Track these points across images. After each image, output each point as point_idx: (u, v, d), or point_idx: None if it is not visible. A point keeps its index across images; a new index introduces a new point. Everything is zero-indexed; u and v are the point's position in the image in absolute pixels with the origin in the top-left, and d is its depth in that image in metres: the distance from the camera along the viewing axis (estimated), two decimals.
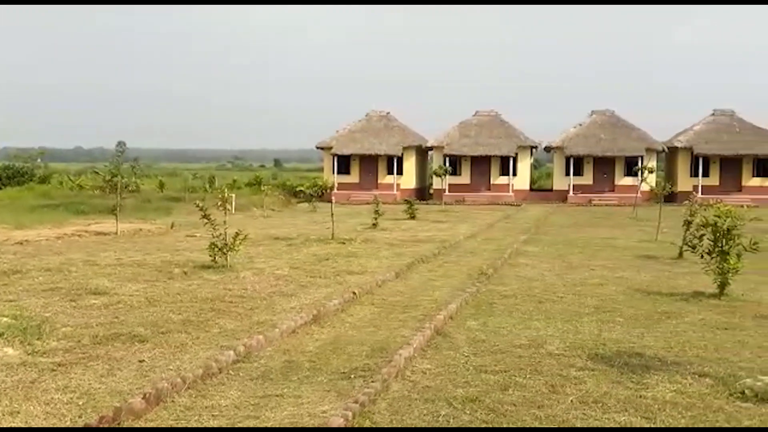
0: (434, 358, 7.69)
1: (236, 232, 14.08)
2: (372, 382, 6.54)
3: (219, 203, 14.72)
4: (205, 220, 14.11)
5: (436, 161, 45.56)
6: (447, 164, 43.27)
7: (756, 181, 43.00)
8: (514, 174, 44.85)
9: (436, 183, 44.48)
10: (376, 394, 6.25)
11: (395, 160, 45.46)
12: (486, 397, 6.37)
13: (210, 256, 13.88)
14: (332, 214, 21.08)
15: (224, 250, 13.88)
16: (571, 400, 6.29)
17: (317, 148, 47.94)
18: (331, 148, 46.06)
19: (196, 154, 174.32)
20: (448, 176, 42.32)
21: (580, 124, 46.23)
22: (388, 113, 48.81)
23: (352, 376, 6.97)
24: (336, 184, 45.15)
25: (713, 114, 45.58)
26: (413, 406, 6.15)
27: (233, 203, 30.91)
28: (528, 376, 7.04)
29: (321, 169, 50.90)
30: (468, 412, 6.02)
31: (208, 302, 10.49)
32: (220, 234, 13.92)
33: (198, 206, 14.49)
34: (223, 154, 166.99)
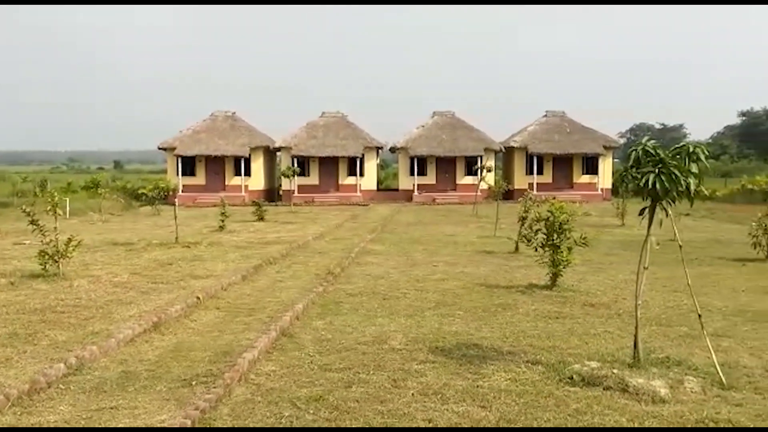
0: (279, 359, 7.63)
1: (69, 238, 13.29)
2: (214, 387, 6.39)
3: (49, 208, 13.80)
4: (34, 227, 13.22)
5: (284, 162, 45.23)
6: (295, 165, 43.08)
7: (585, 178, 45.99)
8: (362, 174, 45.40)
9: (285, 184, 44.16)
10: (217, 400, 6.11)
11: (242, 161, 44.71)
12: (330, 395, 6.40)
13: (40, 264, 13.02)
14: (175, 217, 20.40)
15: (56, 258, 13.06)
16: (412, 393, 6.44)
17: (160, 149, 46.18)
18: (174, 148, 44.53)
19: (25, 156, 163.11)
20: (296, 177, 42.15)
21: (423, 126, 47.51)
22: (233, 113, 47.90)
23: (194, 382, 6.77)
24: (181, 186, 43.76)
25: (545, 115, 48.31)
26: (256, 409, 6.06)
27: (67, 208, 29.22)
28: (372, 372, 7.14)
29: (165, 171, 49.11)
30: (311, 411, 6.02)
31: (37, 313, 9.84)
32: (51, 240, 13.09)
33: (25, 212, 13.52)
34: (57, 156, 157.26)
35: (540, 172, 45.53)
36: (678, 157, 6.56)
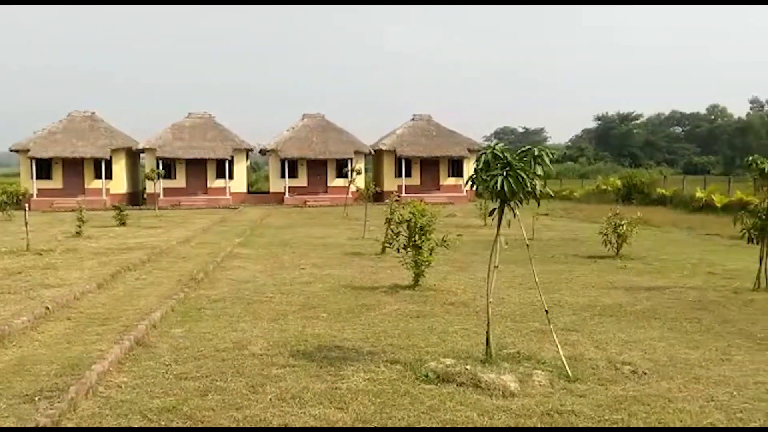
0: (132, 370, 7.34)
1: None
2: (58, 402, 6.06)
3: None
4: None
5: (148, 164, 43.70)
6: (160, 167, 41.71)
7: (451, 181, 47.28)
8: (231, 177, 44.61)
9: (150, 187, 42.63)
10: (61, 415, 5.80)
11: (103, 163, 42.82)
12: (184, 405, 6.22)
13: None
14: (26, 223, 19.24)
15: None
16: (270, 399, 6.37)
17: (12, 150, 43.48)
18: (28, 150, 42.05)
19: None
20: (162, 180, 40.85)
21: (293, 128, 47.28)
22: (93, 113, 45.79)
23: (37, 398, 6.40)
24: (35, 190, 41.38)
25: (413, 119, 49.30)
26: (104, 422, 5.80)
27: None
28: (229, 378, 7.01)
29: (19, 174, 46.24)
30: (164, 422, 5.83)
31: None
32: None
33: None
34: None
35: (408, 174, 46.40)
36: (525, 160, 6.84)
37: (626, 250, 17.14)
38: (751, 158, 12.35)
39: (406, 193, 41.82)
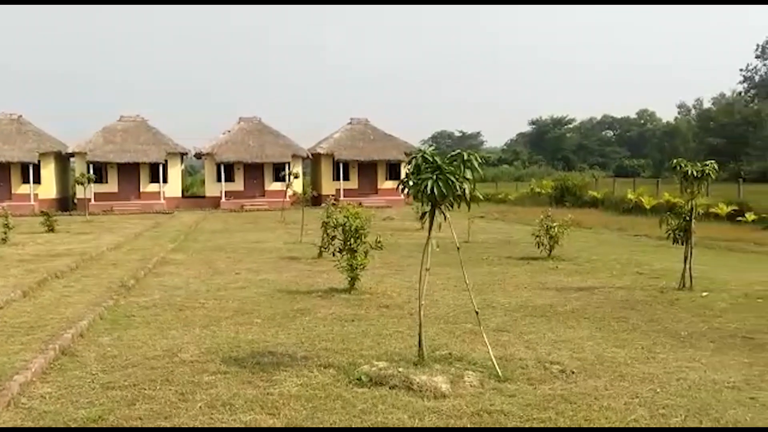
0: (57, 380, 7.13)
1: None
2: None
3: None
4: None
5: (79, 169, 42.59)
6: (91, 172, 40.68)
7: (389, 184, 47.48)
8: (165, 181, 43.83)
9: (80, 192, 41.51)
10: None
11: (31, 168, 41.53)
12: (110, 414, 6.08)
13: None
14: None
15: None
16: (200, 406, 6.28)
17: None
18: None
19: None
20: (93, 184, 39.82)
21: (229, 131, 46.78)
22: (20, 116, 44.39)
23: None
24: None
25: (350, 123, 49.36)
26: None
27: None
28: (158, 387, 6.87)
29: None
30: None
31: None
32: None
33: None
34: None
35: (346, 178, 46.44)
36: (454, 163, 6.91)
37: (558, 252, 17.50)
38: (675, 161, 12.76)
39: (344, 196, 41.80)
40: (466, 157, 6.89)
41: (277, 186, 44.31)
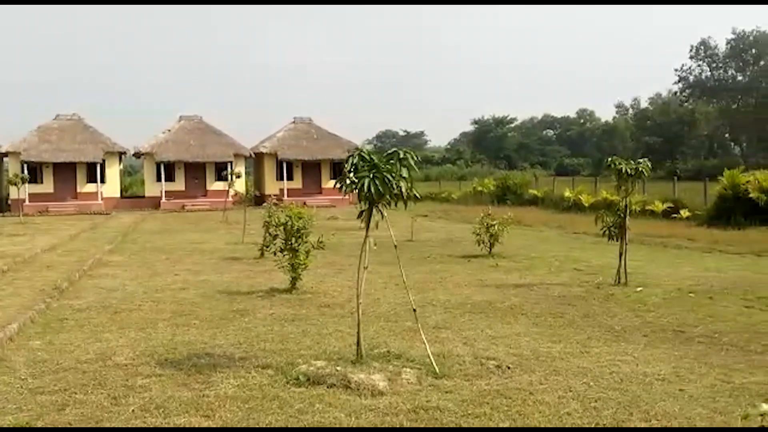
0: None
1: None
2: None
3: None
4: None
5: (12, 169, 41.29)
6: (25, 172, 39.49)
7: (333, 183, 47.29)
8: (103, 181, 42.82)
9: (14, 193, 40.21)
10: None
11: None
12: (38, 420, 5.91)
13: None
14: None
15: None
16: (133, 410, 6.15)
17: None
18: None
19: None
20: (27, 185, 38.63)
21: (169, 130, 45.99)
22: None
23: None
24: None
25: (294, 121, 49.02)
26: None
27: None
28: (90, 391, 6.71)
29: None
30: None
31: None
32: None
33: None
34: None
35: (290, 177, 46.11)
36: (391, 162, 6.93)
37: (498, 249, 17.71)
38: (610, 159, 13.04)
39: (288, 196, 41.51)
40: (402, 156, 6.91)
41: (220, 186, 43.72)
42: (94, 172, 42.43)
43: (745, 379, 6.99)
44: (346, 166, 7.07)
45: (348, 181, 7.04)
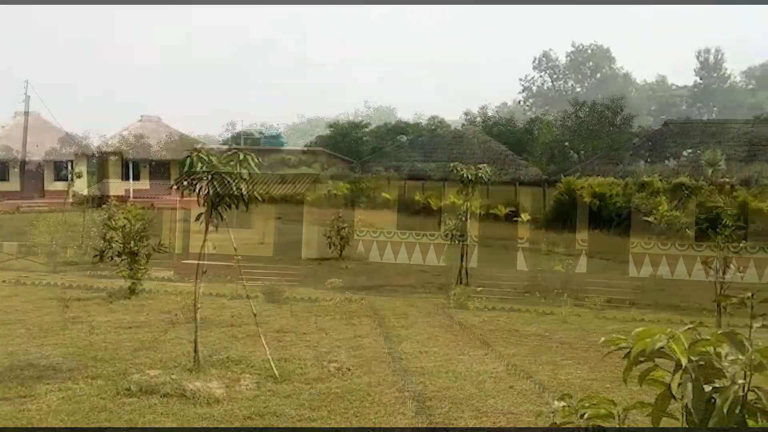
0: None
1: None
2: None
3: None
4: None
5: None
6: None
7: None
8: None
9: None
10: None
11: None
12: None
13: None
14: None
15: None
16: None
17: None
18: None
19: None
20: None
21: (3, 126, 42.89)
22: None
23: None
24: None
25: (141, 120, 47.06)
26: None
27: None
28: None
29: None
30: None
31: None
32: None
33: None
34: None
35: (136, 178, 44.26)
36: (231, 163, 6.79)
37: (349, 252, 17.85)
38: (452, 165, 13.49)
39: (135, 197, 39.77)
40: (242, 157, 6.79)
41: (59, 186, 41.21)
42: None
43: (570, 375, 7.42)
44: (183, 166, 6.86)
45: (185, 183, 6.83)
